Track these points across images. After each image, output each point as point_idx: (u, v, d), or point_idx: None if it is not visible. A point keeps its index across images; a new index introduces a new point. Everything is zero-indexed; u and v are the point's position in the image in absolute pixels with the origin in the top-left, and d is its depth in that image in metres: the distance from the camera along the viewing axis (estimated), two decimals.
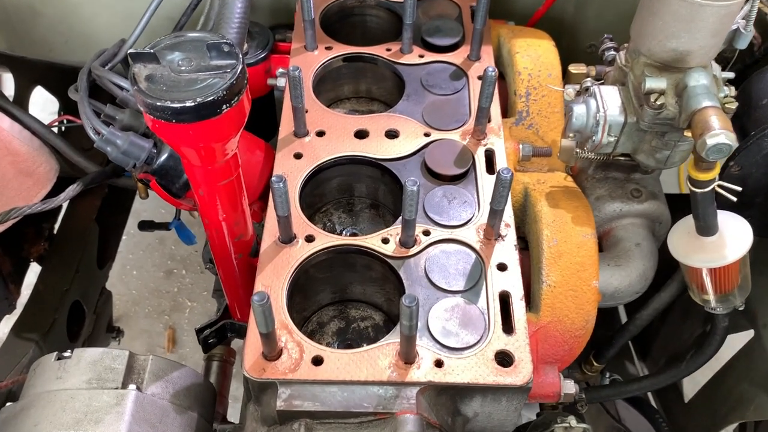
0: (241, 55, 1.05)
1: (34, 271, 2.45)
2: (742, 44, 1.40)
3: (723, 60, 1.79)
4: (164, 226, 2.40)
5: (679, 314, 2.05)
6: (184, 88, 1.02)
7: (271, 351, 1.19)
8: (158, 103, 1.00)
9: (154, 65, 1.04)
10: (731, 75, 1.42)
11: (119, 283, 3.57)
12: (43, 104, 3.52)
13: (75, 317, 2.42)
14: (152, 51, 1.03)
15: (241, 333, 1.63)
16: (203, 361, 2.15)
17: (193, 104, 1.00)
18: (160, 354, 3.44)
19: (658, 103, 1.31)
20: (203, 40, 1.06)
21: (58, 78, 2.40)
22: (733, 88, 1.41)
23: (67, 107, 2.46)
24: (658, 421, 1.95)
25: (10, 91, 2.47)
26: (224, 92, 1.02)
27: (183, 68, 1.04)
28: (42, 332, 2.21)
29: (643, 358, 2.30)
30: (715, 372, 1.89)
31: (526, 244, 1.56)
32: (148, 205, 2.83)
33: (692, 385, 2.08)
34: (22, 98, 2.38)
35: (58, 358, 1.36)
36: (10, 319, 2.26)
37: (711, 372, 1.93)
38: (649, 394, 2.23)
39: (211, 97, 1.01)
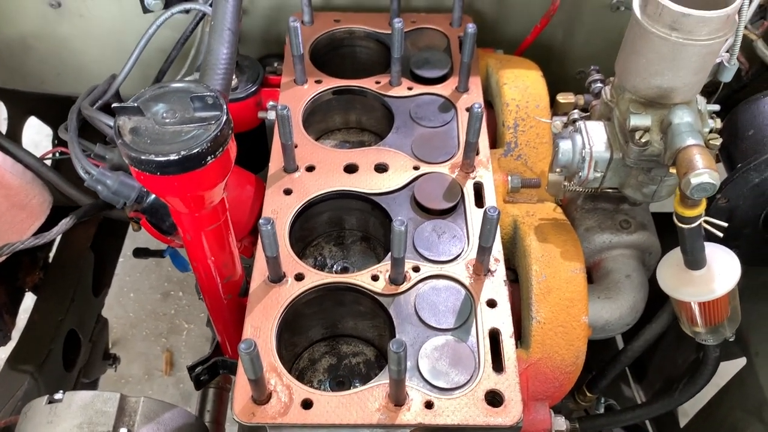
0: (225, 106, 1.05)
1: (30, 297, 2.45)
2: (727, 77, 1.41)
3: (711, 85, 1.80)
4: (159, 254, 2.41)
5: (674, 339, 2.05)
6: (168, 141, 1.02)
7: (261, 395, 1.20)
8: (143, 157, 1.01)
9: (139, 117, 1.04)
10: (717, 108, 1.43)
11: (116, 306, 3.57)
12: (38, 126, 3.54)
13: (71, 346, 2.42)
14: (136, 104, 1.03)
15: (233, 370, 1.63)
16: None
17: (177, 157, 1.00)
18: (157, 377, 3.46)
19: (643, 140, 1.31)
20: (188, 91, 1.07)
21: (51, 108, 2.41)
22: (719, 120, 1.42)
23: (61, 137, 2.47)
24: None
25: (2, 120, 2.48)
26: (209, 144, 1.03)
27: (167, 120, 1.04)
28: (37, 363, 2.20)
29: (638, 381, 2.30)
30: (709, 399, 1.89)
31: (516, 276, 1.56)
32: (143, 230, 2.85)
33: (692, 402, 2.07)
34: (15, 129, 2.39)
35: (50, 402, 1.35)
36: (4, 351, 2.26)
37: (707, 395, 1.94)
38: (647, 420, 2.22)
39: (196, 150, 1.02)
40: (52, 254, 2.56)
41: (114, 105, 1.02)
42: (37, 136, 3.49)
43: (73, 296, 2.45)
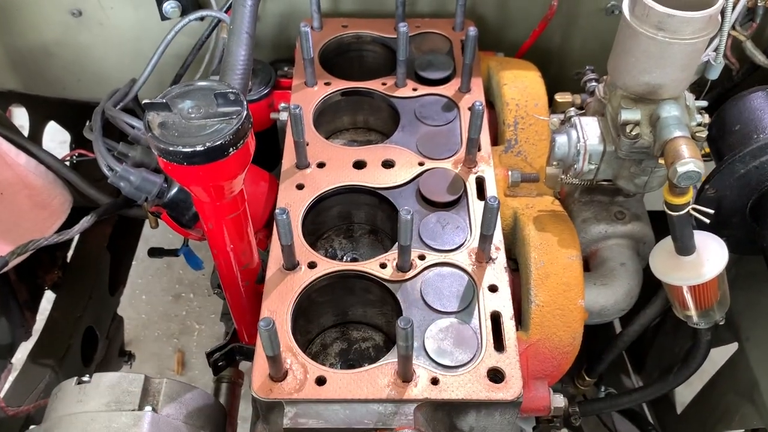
0: (245, 102, 1.15)
1: (47, 298, 2.54)
2: (713, 75, 1.50)
3: (702, 85, 1.89)
4: (173, 253, 2.50)
5: (670, 330, 2.13)
6: (194, 134, 1.11)
7: (278, 372, 1.28)
8: (171, 148, 1.09)
9: (167, 113, 1.14)
10: (704, 104, 1.51)
11: (129, 308, 3.65)
12: (52, 134, 3.63)
13: (88, 342, 2.51)
14: (164, 101, 1.13)
15: (249, 355, 1.71)
16: (213, 383, 2.24)
17: (202, 149, 1.09)
18: (170, 377, 3.54)
19: (634, 133, 1.40)
20: (211, 89, 1.16)
21: (70, 113, 2.52)
22: (707, 115, 1.50)
23: (78, 140, 2.57)
24: None
25: (23, 124, 2.58)
26: (231, 137, 1.12)
27: (193, 115, 1.14)
28: (57, 358, 2.30)
29: (638, 372, 2.37)
30: (704, 384, 1.97)
31: (517, 266, 1.64)
32: (157, 231, 2.94)
33: (689, 391, 2.14)
34: (35, 133, 2.48)
35: (79, 383, 1.44)
36: (26, 346, 2.35)
37: (702, 382, 2.01)
38: (645, 408, 2.30)
39: (219, 142, 1.11)
40: (70, 254, 2.65)
41: (144, 101, 1.12)
42: (51, 143, 3.58)
43: (91, 294, 2.55)
